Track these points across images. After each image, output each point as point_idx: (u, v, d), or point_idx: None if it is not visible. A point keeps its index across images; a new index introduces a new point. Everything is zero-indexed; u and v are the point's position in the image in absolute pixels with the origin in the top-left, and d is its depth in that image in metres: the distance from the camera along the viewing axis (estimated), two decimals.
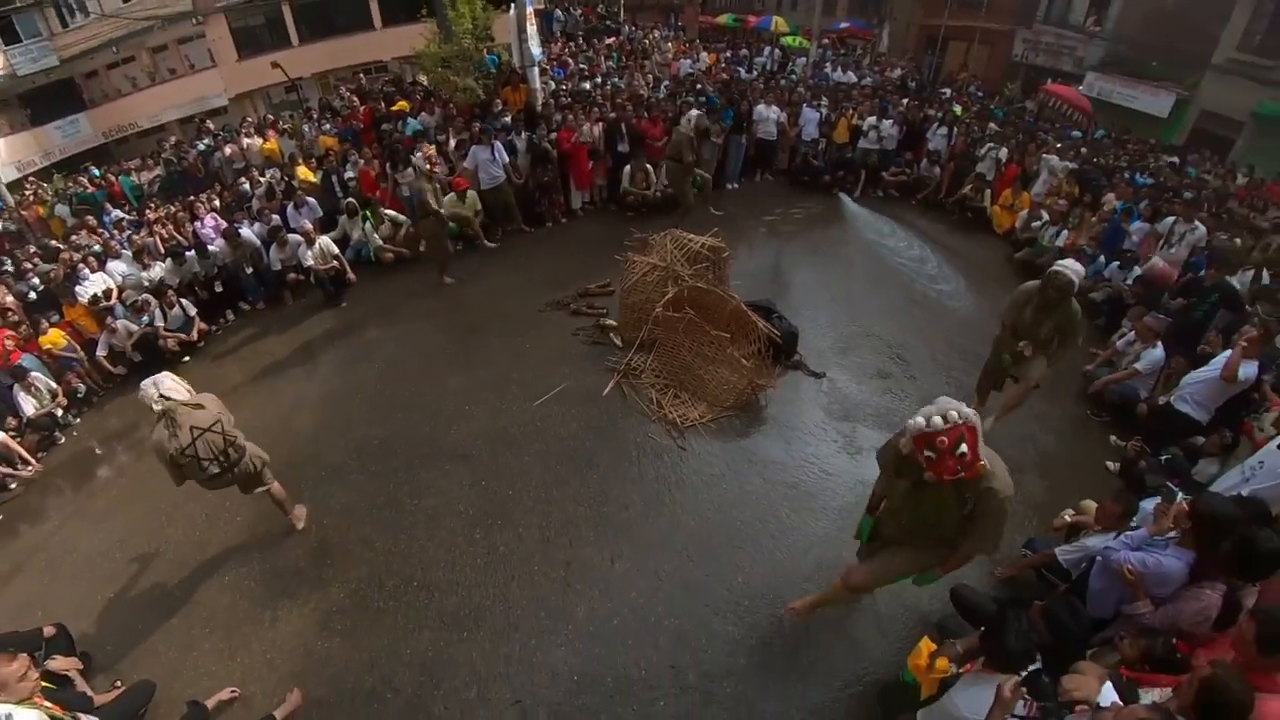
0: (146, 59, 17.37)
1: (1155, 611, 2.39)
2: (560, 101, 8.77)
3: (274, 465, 4.50)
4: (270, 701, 3.02)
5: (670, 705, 2.89)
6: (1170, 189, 7.14)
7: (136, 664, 3.41)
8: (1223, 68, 11.62)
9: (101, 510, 4.67)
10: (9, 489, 5.12)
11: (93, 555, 4.20)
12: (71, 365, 6.06)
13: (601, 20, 17.83)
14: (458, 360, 5.48)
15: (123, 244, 7.18)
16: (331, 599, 3.56)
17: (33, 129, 16.77)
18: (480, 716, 2.91)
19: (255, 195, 7.66)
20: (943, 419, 2.02)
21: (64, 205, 9.58)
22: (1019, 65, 16.16)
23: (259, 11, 16.59)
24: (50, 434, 5.66)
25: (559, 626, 3.25)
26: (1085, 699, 1.77)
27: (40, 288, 6.65)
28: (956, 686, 2.20)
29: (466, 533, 3.83)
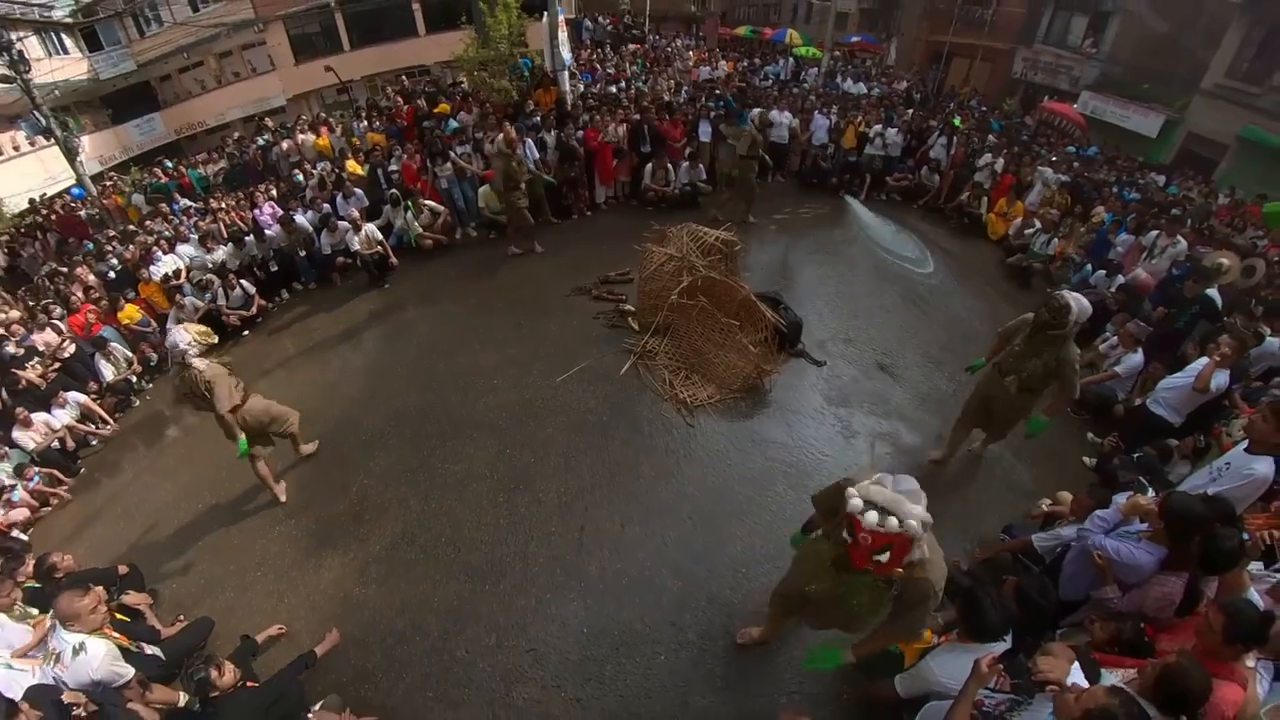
0: (214, 63, 17.61)
1: (1122, 597, 2.34)
2: (588, 103, 8.66)
3: (321, 429, 4.65)
4: (312, 639, 3.10)
5: (669, 659, 2.90)
6: (1156, 204, 7.02)
7: (199, 602, 3.53)
8: (1211, 92, 11.33)
9: (170, 466, 4.82)
10: (91, 445, 5.33)
11: (162, 505, 4.34)
12: (145, 337, 6.23)
13: (628, 29, 17.51)
14: (488, 338, 5.49)
15: (190, 230, 7.32)
16: (369, 550, 3.62)
17: (114, 127, 17.18)
18: (498, 661, 2.94)
19: (308, 186, 7.74)
20: (879, 523, 1.66)
21: (140, 195, 9.79)
22: (1019, 82, 15.83)
23: (314, 19, 16.66)
24: (126, 397, 5.85)
25: (572, 583, 3.27)
26: (1057, 680, 1.72)
27: (118, 268, 6.84)
28: (933, 654, 2.17)
29: (491, 495, 3.86)
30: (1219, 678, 1.74)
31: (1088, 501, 2.88)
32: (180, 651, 3.11)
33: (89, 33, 16.71)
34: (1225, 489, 2.64)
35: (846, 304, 5.87)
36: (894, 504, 1.69)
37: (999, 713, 1.75)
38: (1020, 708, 1.73)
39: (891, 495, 1.72)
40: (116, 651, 2.67)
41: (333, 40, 16.78)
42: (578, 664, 2.90)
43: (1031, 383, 3.19)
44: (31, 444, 4.97)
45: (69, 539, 4.24)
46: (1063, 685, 1.71)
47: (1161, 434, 3.70)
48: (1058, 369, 3.05)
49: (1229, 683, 1.77)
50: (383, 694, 2.87)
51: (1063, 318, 2.92)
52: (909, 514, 1.67)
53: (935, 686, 2.08)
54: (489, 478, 3.99)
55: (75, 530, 4.37)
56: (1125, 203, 6.98)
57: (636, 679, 2.83)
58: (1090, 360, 4.85)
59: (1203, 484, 2.81)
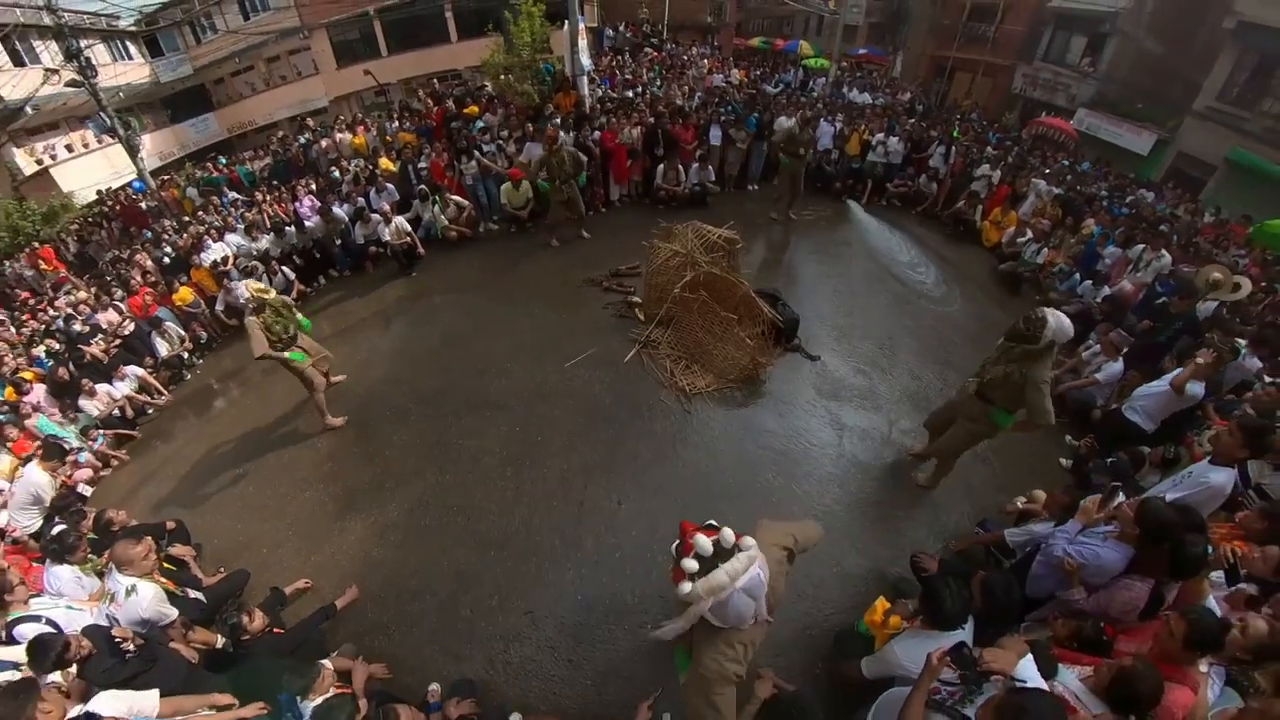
0: (263, 68, 17.82)
1: (1088, 598, 2.29)
2: (605, 106, 8.59)
3: (350, 404, 4.76)
4: (334, 593, 3.20)
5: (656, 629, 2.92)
6: (1145, 220, 6.88)
7: (236, 556, 3.66)
8: (1202, 114, 10.98)
9: (216, 434, 4.95)
10: (147, 414, 5.51)
11: (208, 469, 4.48)
12: (196, 317, 6.41)
13: (647, 38, 17.25)
14: (505, 325, 5.52)
15: (237, 220, 7.47)
16: (388, 516, 3.71)
17: (172, 126, 17.53)
18: (499, 621, 3.00)
19: (344, 181, 7.84)
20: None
21: (194, 188, 10.01)
22: (1018, 97, 15.40)
23: (355, 27, 16.74)
24: (179, 371, 6.03)
25: (570, 554, 3.30)
26: (1001, 671, 1.71)
27: (173, 254, 7.03)
28: (897, 639, 2.16)
29: (500, 470, 3.91)
30: (1173, 681, 1.72)
31: (1062, 500, 2.82)
32: (218, 599, 3.24)
33: (151, 40, 17.05)
34: (1184, 495, 2.58)
35: (842, 303, 5.77)
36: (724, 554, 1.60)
37: (952, 702, 1.72)
38: (973, 696, 1.70)
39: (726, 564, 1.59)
40: (164, 594, 2.78)
41: (371, 46, 16.86)
42: (572, 628, 2.94)
43: (990, 390, 2.92)
44: (95, 411, 5.17)
45: (125, 497, 4.42)
46: (1007, 675, 1.69)
47: (1135, 440, 3.62)
48: (1024, 386, 2.73)
49: (1181, 686, 1.75)
50: (394, 645, 2.96)
51: (1036, 331, 2.66)
52: (738, 566, 1.58)
53: (898, 669, 2.06)
54: (499, 454, 4.03)
55: (131, 489, 4.55)
56: (1115, 217, 6.83)
57: (625, 644, 2.87)
58: (1073, 366, 4.75)
59: (1165, 489, 2.74)
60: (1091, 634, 2.11)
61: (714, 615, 1.59)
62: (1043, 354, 2.71)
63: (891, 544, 3.35)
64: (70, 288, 7.51)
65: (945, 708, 1.70)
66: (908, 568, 3.03)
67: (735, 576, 1.56)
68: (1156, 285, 5.18)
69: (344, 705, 2.07)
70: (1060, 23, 14.14)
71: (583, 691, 2.73)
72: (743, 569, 1.57)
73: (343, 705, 2.08)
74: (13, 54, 13.04)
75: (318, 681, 2.35)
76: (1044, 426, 2.82)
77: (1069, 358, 4.95)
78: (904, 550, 3.20)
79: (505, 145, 7.74)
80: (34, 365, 5.71)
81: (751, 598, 1.59)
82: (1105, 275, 5.83)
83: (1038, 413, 2.74)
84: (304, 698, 2.31)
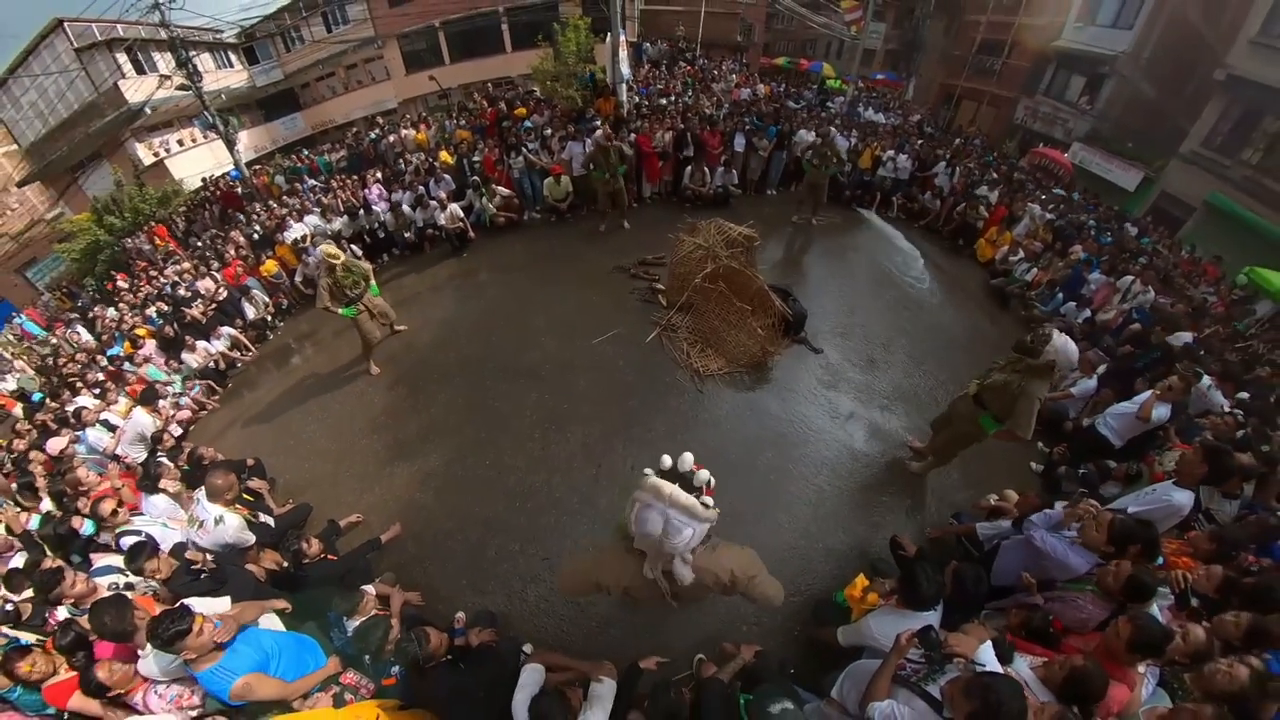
0: (342, 73, 17.93)
1: (1045, 604, 2.15)
2: (641, 112, 8.31)
3: (404, 365, 4.79)
4: (381, 527, 3.24)
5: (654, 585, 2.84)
6: (1128, 251, 6.50)
7: (303, 491, 3.75)
8: (1187, 158, 10.36)
9: (293, 386, 5.07)
10: (236, 367, 5.70)
11: (285, 416, 4.60)
12: (279, 287, 6.56)
13: (681, 53, 16.65)
14: (541, 303, 5.45)
15: (314, 204, 7.56)
16: (430, 465, 3.73)
17: (265, 124, 17.88)
18: (519, 564, 2.99)
19: (408, 171, 7.83)
20: None
21: (280, 176, 10.20)
22: (1019, 127, 14.59)
23: (422, 38, 16.65)
24: (263, 332, 6.20)
25: (585, 510, 3.25)
26: (963, 654, 1.64)
27: (260, 232, 7.17)
28: (873, 614, 2.06)
29: (529, 432, 3.86)
30: (1113, 679, 1.65)
31: (1034, 501, 2.69)
32: (285, 526, 3.31)
33: (249, 50, 17.36)
34: (1146, 509, 2.44)
35: (847, 302, 5.48)
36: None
37: (916, 679, 1.64)
38: (935, 675, 1.62)
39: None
40: (244, 523, 2.88)
41: (436, 55, 16.75)
42: None
43: (987, 394, 2.76)
44: (195, 364, 5.37)
45: (215, 437, 4.59)
46: (968, 659, 1.62)
47: (1103, 452, 3.42)
48: (1018, 399, 2.57)
49: (1120, 684, 1.71)
50: (429, 577, 2.98)
51: (1040, 346, 2.50)
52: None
53: (870, 641, 1.98)
54: (529, 418, 4.00)
55: (220, 430, 4.72)
56: (1101, 245, 6.45)
57: None
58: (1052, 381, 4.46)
59: (1128, 503, 2.57)
60: (1040, 625, 2.03)
61: (639, 502, 1.49)
62: (1043, 371, 2.55)
63: (874, 526, 3.20)
64: (177, 259, 7.78)
65: (909, 683, 1.63)
66: (887, 549, 2.90)
67: (665, 498, 1.45)
68: (1134, 314, 4.99)
69: (380, 624, 2.07)
70: (1062, 61, 13.41)
71: (587, 632, 2.70)
72: (677, 502, 1.45)
73: (379, 624, 2.08)
74: (135, 64, 13.49)
75: (361, 604, 2.37)
76: (1022, 440, 2.70)
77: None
78: (884, 533, 3.07)
79: (550, 143, 7.57)
80: (147, 324, 5.96)
81: (664, 526, 1.45)
82: (1089, 298, 5.52)
83: (1021, 425, 2.60)
84: (349, 617, 2.33)
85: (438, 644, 1.84)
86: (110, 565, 2.73)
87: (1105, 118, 12.45)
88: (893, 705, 1.58)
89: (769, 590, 1.82)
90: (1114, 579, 1.92)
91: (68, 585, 2.38)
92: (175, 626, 1.66)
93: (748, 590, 1.75)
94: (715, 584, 1.67)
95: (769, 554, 2.91)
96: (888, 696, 1.62)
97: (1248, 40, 9.27)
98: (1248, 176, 9.31)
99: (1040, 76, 14.01)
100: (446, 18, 15.92)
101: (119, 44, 13.13)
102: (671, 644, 2.58)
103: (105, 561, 2.76)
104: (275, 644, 2.00)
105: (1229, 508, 2.73)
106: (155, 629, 1.67)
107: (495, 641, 2.23)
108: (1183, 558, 2.40)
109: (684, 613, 2.69)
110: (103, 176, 12.93)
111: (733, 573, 1.68)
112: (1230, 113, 9.75)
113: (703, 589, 1.70)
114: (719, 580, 1.66)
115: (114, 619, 1.94)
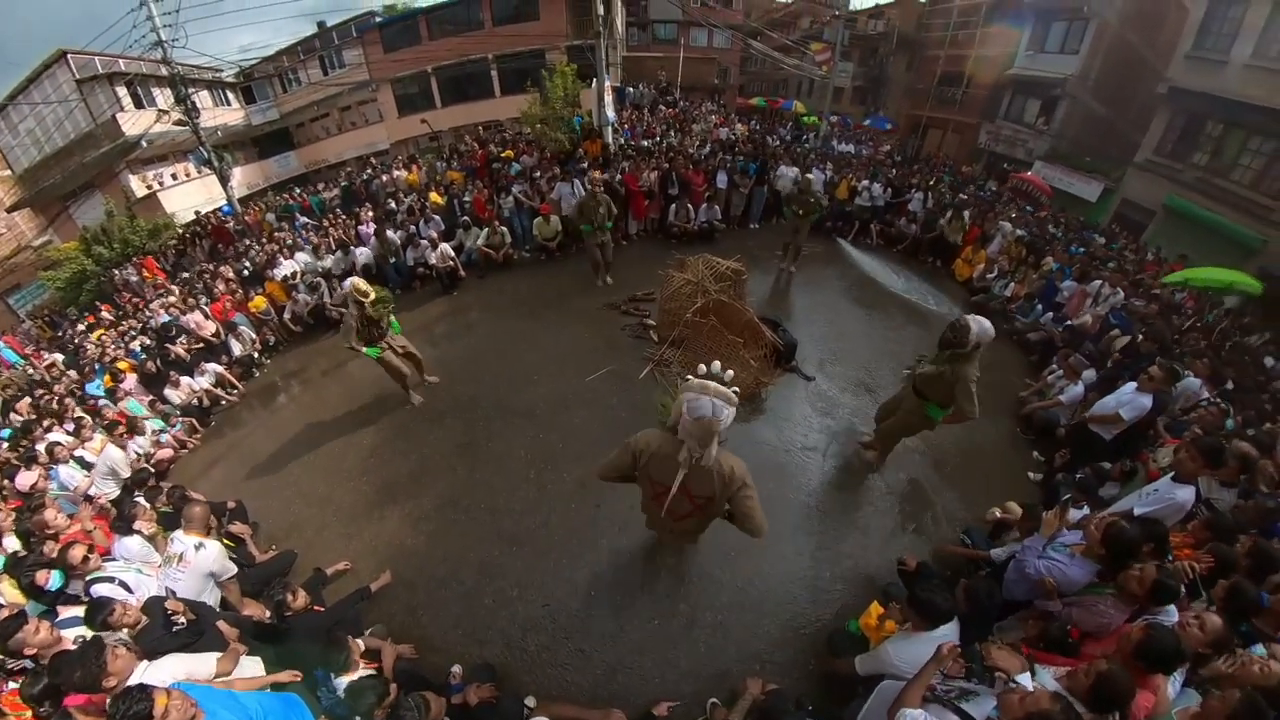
0: (336, 115, 18.45)
1: (1063, 610, 2.17)
2: (626, 153, 8.71)
3: (394, 405, 4.72)
4: (371, 575, 3.12)
5: (663, 625, 2.79)
6: (1098, 258, 6.97)
7: (287, 536, 3.61)
8: (1142, 166, 11.22)
9: (278, 425, 4.97)
10: (221, 404, 5.56)
11: (268, 456, 4.47)
12: (267, 323, 6.50)
13: (662, 96, 17.66)
14: (533, 340, 5.50)
15: (305, 241, 7.62)
16: (422, 508, 3.63)
17: (259, 161, 18.17)
18: (517, 611, 2.90)
19: (399, 211, 7.98)
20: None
21: (272, 214, 10.29)
22: (983, 151, 15.70)
23: (415, 83, 17.29)
24: (249, 369, 6.10)
25: (584, 552, 3.19)
26: (1007, 669, 1.63)
27: (250, 268, 7.17)
28: (891, 640, 2.06)
29: (524, 472, 3.81)
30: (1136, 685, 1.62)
31: (1031, 520, 2.75)
32: (269, 575, 3.18)
33: (246, 89, 17.83)
34: (1151, 510, 2.50)
35: (834, 329, 5.68)
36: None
37: (949, 698, 1.61)
38: (969, 696, 1.59)
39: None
40: (226, 551, 2.80)
41: (428, 99, 17.36)
42: (583, 621, 2.83)
43: (924, 385, 3.02)
44: (178, 400, 5.23)
45: (196, 476, 4.42)
46: (1011, 676, 1.59)
47: (1097, 452, 3.55)
48: (954, 385, 2.80)
49: (1143, 690, 1.66)
50: (422, 627, 2.86)
51: (962, 336, 2.73)
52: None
53: (890, 668, 1.96)
54: (523, 457, 3.95)
55: (202, 470, 4.56)
56: (1071, 255, 6.87)
57: (633, 638, 2.74)
58: (1039, 389, 4.69)
59: (1132, 504, 2.64)
60: (1057, 635, 2.02)
61: (690, 393, 1.83)
62: (970, 355, 2.77)
63: (879, 550, 3.20)
64: (164, 292, 7.69)
65: (944, 700, 1.60)
66: (895, 573, 2.90)
67: (711, 390, 1.80)
68: (1110, 317, 5.18)
69: (376, 686, 1.98)
70: (1018, 88, 14.54)
71: (594, 680, 2.60)
72: (721, 392, 1.81)
73: (375, 686, 1.98)
74: (135, 98, 13.72)
75: (352, 659, 2.26)
76: (970, 418, 2.89)
77: (1035, 381, 4.87)
78: (890, 556, 3.07)
79: (539, 184, 7.85)
80: (129, 357, 5.83)
81: (713, 409, 1.79)
82: (1064, 306, 5.79)
83: (964, 407, 2.83)
84: (338, 674, 2.22)
85: (438, 712, 1.75)
86: (78, 616, 2.56)
87: (1062, 136, 13.34)
88: (925, 716, 1.55)
89: (758, 511, 2.02)
90: (1139, 584, 1.92)
91: (30, 633, 2.21)
92: (134, 708, 1.51)
93: (741, 500, 1.98)
94: (719, 478, 1.93)
95: (776, 586, 2.96)
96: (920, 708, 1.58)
97: (1183, 55, 10.07)
98: (1199, 177, 9.99)
99: (999, 102, 15.09)
100: (439, 64, 16.65)
101: (120, 78, 13.38)
102: (682, 688, 2.51)
103: (73, 612, 2.59)
104: (260, 708, 1.88)
105: (1228, 496, 2.78)
106: (112, 712, 1.55)
107: (496, 697, 2.14)
108: (1185, 549, 2.41)
109: (693, 655, 2.65)
110: (94, 206, 12.86)
111: (733, 469, 1.95)
112: (1175, 122, 10.55)
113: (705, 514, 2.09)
114: (721, 473, 1.93)
115: (85, 671, 1.81)
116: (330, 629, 2.58)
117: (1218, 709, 1.56)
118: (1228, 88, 9.33)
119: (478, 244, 7.07)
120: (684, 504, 2.07)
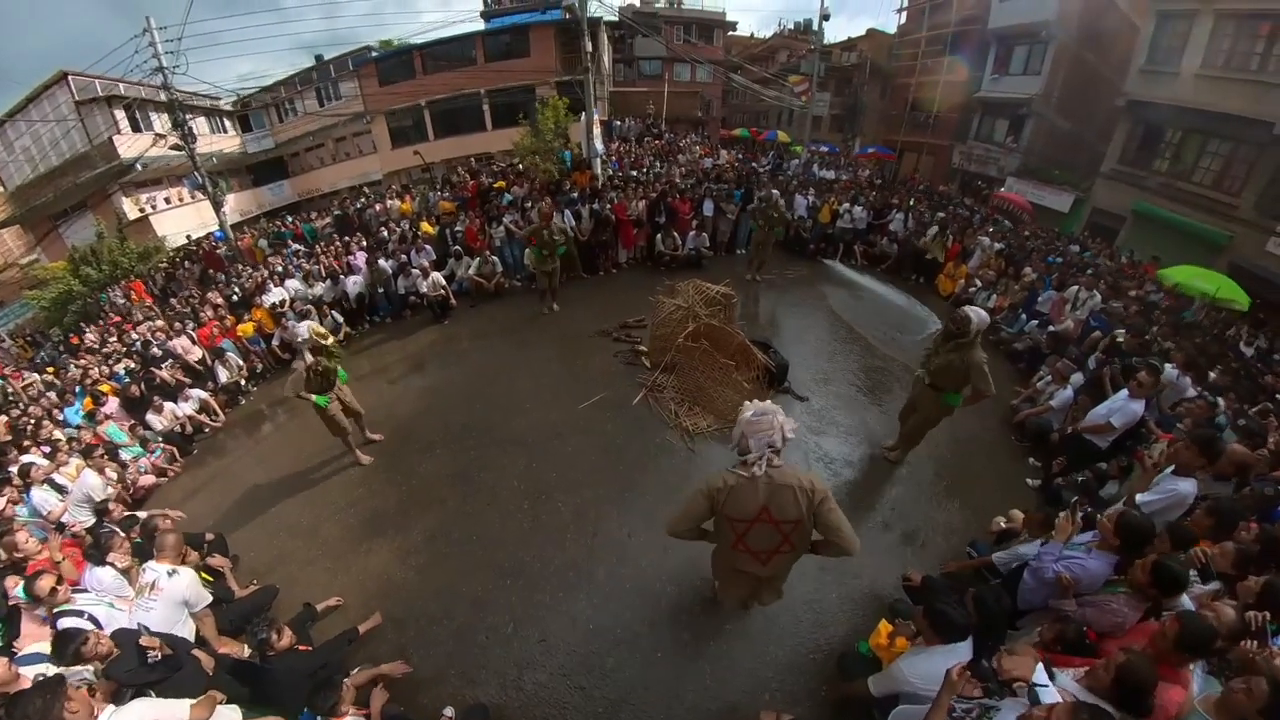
0: (331, 145, 18.76)
1: (1077, 611, 2.19)
2: (614, 183, 9.00)
3: (384, 434, 4.66)
4: (359, 612, 3.02)
5: (666, 657, 2.73)
6: (1075, 266, 7.30)
7: (270, 569, 3.48)
8: (1109, 175, 11.94)
9: (263, 454, 4.86)
10: (205, 432, 5.41)
11: (252, 486, 4.35)
12: (255, 349, 6.42)
13: (649, 128, 18.41)
14: (525, 369, 5.51)
15: (296, 269, 7.62)
16: (411, 541, 3.55)
17: (253, 189, 18.26)
18: (513, 647, 2.81)
19: (391, 240, 8.06)
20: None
21: (264, 240, 10.29)
22: (958, 170, 16.59)
23: (409, 115, 17.75)
24: (235, 396, 5.98)
25: (582, 584, 3.13)
26: (1022, 677, 1.59)
27: (239, 294, 7.13)
28: (903, 657, 2.03)
29: (517, 502, 3.76)
30: (1166, 680, 1.63)
31: (1039, 518, 2.80)
32: (249, 612, 3.05)
33: (243, 118, 18.12)
34: (1155, 502, 2.60)
35: (824, 349, 5.80)
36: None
37: (972, 718, 1.58)
38: (990, 713, 1.56)
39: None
40: (199, 579, 2.70)
41: (421, 131, 17.79)
42: (583, 656, 2.75)
43: (939, 379, 3.30)
44: (160, 426, 5.08)
45: (176, 505, 4.22)
46: (1028, 681, 1.57)
47: (1093, 456, 3.65)
48: (967, 371, 3.12)
49: (1174, 685, 1.66)
50: (413, 666, 2.74)
51: (964, 326, 3.08)
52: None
53: (905, 686, 1.92)
54: (516, 487, 3.90)
55: (182, 499, 4.39)
56: (1049, 265, 7.22)
57: (635, 672, 2.67)
58: (1029, 395, 4.83)
59: (1140, 498, 2.72)
60: (1074, 637, 2.03)
61: (745, 427, 1.95)
62: (974, 342, 3.12)
63: (884, 567, 3.20)
64: (152, 315, 7.57)
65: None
66: (901, 590, 2.91)
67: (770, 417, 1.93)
68: (1091, 320, 5.39)
69: None
70: (986, 109, 15.44)
71: (594, 717, 2.51)
72: (778, 422, 1.93)
73: None
74: (132, 121, 13.81)
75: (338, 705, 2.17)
76: (988, 395, 3.18)
77: (1025, 388, 5.03)
78: (896, 572, 3.08)
79: (529, 214, 8.04)
80: (112, 380, 5.69)
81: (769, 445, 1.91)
82: (1046, 315, 6.04)
83: (981, 386, 3.13)
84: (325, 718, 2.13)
85: None
86: (40, 653, 2.40)
87: (1031, 152, 14.15)
88: None
89: (846, 523, 1.94)
90: (1141, 571, 1.97)
91: None
92: None
93: (826, 514, 1.92)
94: (801, 492, 1.91)
95: (782, 612, 2.92)
96: None
97: (1138, 70, 10.79)
98: (1163, 183, 10.63)
99: (970, 124, 16.00)
100: (432, 97, 17.18)
101: (119, 101, 13.50)
102: None
103: (35, 647, 2.42)
104: None
105: (1226, 491, 2.86)
106: None
107: None
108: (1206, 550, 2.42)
109: (699, 687, 2.60)
110: (85, 227, 12.71)
111: (813, 482, 1.94)
112: (1136, 131, 11.25)
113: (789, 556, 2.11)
114: (802, 486, 1.92)
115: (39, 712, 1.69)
116: (316, 670, 2.48)
117: (1245, 701, 1.55)
118: (1181, 96, 9.87)
119: (469, 273, 7.16)
120: (773, 537, 2.00)
